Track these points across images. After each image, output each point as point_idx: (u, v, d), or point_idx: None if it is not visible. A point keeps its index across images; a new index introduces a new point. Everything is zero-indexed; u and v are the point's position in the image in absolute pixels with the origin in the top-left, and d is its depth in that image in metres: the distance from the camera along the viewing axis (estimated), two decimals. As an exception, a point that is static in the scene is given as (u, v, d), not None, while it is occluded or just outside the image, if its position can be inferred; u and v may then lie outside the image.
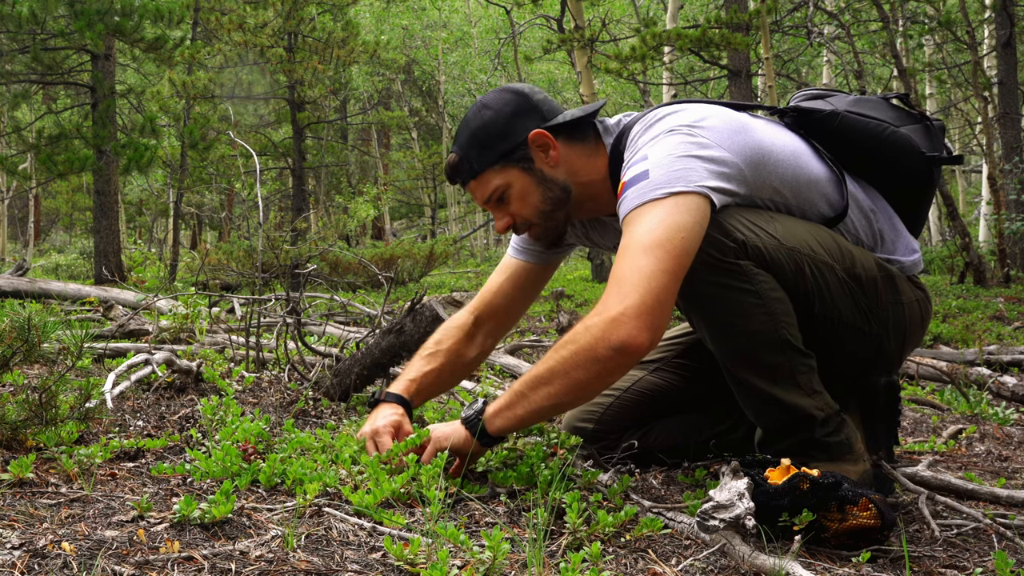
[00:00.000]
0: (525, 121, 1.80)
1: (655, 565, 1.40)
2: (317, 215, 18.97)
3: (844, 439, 1.67)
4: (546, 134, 1.80)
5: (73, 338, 1.93)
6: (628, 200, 1.63)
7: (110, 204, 11.46)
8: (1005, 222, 9.42)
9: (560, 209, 1.84)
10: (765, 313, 1.62)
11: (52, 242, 28.04)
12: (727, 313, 1.64)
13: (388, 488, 1.61)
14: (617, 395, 2.05)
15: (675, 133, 1.66)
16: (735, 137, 1.67)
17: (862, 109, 1.85)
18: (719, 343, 1.68)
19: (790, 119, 1.89)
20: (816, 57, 15.98)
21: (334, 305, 5.71)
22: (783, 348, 1.64)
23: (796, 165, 1.74)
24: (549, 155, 1.81)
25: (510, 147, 1.80)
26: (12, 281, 6.17)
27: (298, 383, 2.67)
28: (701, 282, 1.63)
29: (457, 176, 1.85)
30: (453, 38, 23.15)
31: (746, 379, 1.67)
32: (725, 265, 1.61)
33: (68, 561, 1.22)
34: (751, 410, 1.71)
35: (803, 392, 1.65)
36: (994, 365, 3.97)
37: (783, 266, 1.65)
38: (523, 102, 1.82)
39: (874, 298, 1.76)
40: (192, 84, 11.21)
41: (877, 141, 1.82)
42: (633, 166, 1.66)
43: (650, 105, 1.93)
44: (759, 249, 1.63)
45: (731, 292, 1.62)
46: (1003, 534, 1.62)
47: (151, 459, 1.88)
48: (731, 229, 1.62)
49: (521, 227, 1.88)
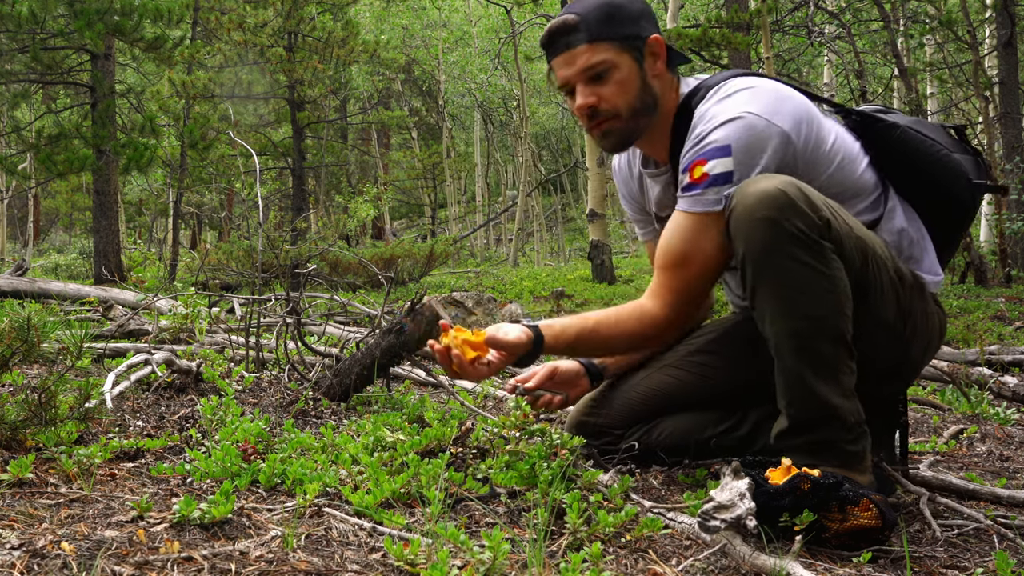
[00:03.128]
0: (649, 23, 1.83)
1: (655, 565, 1.40)
2: (317, 215, 18.97)
3: (860, 449, 1.65)
4: (663, 43, 1.84)
5: (73, 338, 1.93)
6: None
7: (110, 204, 11.45)
8: (1006, 222, 9.41)
9: (645, 116, 1.85)
10: (833, 301, 1.60)
11: (52, 242, 28.04)
12: (797, 290, 1.60)
13: (388, 488, 1.61)
14: (625, 391, 2.04)
15: (738, 119, 1.70)
16: (799, 125, 1.72)
17: (922, 128, 1.88)
18: (779, 320, 1.63)
19: (853, 121, 1.91)
20: (817, 57, 15.96)
21: (334, 305, 5.71)
22: (838, 341, 1.61)
23: (847, 167, 1.79)
24: (656, 64, 1.83)
25: (634, 35, 1.80)
26: (11, 281, 6.17)
27: (298, 383, 2.67)
28: (781, 253, 1.59)
29: (568, 35, 1.79)
30: (453, 38, 23.14)
31: (794, 365, 1.62)
32: (810, 241, 1.58)
33: (68, 561, 1.22)
34: (786, 398, 1.66)
35: (842, 393, 1.62)
36: (995, 365, 3.98)
37: (853, 256, 1.64)
38: (649, 9, 1.86)
39: (910, 302, 1.77)
40: (192, 84, 11.20)
41: (930, 161, 1.85)
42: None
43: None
44: (839, 234, 1.62)
45: (807, 270, 1.59)
46: (1004, 534, 1.62)
47: (151, 459, 1.88)
48: (819, 206, 1.60)
49: (604, 113, 1.83)
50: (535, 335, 1.77)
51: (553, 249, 24.60)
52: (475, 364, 1.74)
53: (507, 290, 9.46)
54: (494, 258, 21.40)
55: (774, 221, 1.57)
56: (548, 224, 26.68)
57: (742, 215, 1.61)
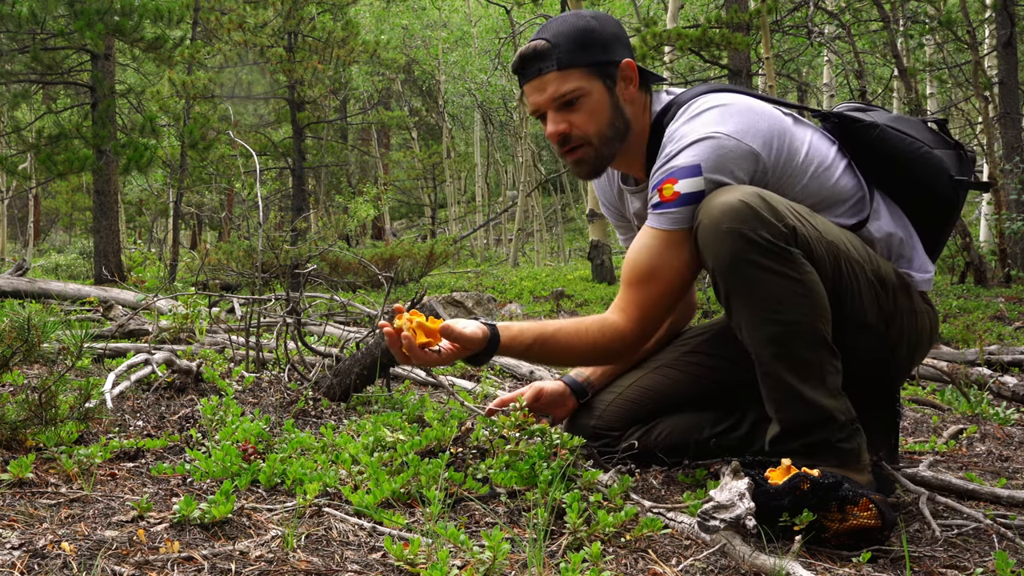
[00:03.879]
0: (621, 47, 1.83)
1: (655, 565, 1.40)
2: (317, 215, 18.97)
3: (856, 447, 1.66)
4: (635, 67, 1.84)
5: (73, 338, 1.93)
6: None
7: (110, 204, 11.45)
8: (1006, 222, 9.41)
9: (617, 141, 1.85)
10: (808, 305, 1.61)
11: (52, 242, 28.03)
12: (770, 299, 1.61)
13: (388, 488, 1.61)
14: (619, 392, 2.04)
15: (708, 138, 1.71)
16: (771, 142, 1.73)
17: (901, 126, 1.88)
18: (755, 329, 1.64)
19: (831, 124, 1.91)
20: (816, 57, 15.96)
21: (334, 305, 5.70)
22: (818, 344, 1.62)
23: (824, 175, 1.79)
24: (628, 89, 1.84)
25: (605, 61, 1.81)
26: (12, 281, 6.17)
27: (298, 383, 2.67)
28: (749, 263, 1.60)
29: (539, 62, 1.80)
30: (453, 38, 23.14)
31: (776, 371, 1.64)
32: (776, 249, 1.59)
33: (68, 561, 1.22)
34: (773, 404, 1.68)
35: (829, 393, 1.63)
36: (995, 365, 3.98)
37: (824, 260, 1.65)
38: (622, 32, 1.86)
39: (893, 303, 1.77)
40: (192, 84, 11.20)
41: (910, 158, 1.85)
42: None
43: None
44: (807, 239, 1.63)
45: (777, 278, 1.60)
46: (1004, 534, 1.62)
47: (151, 459, 1.88)
48: (783, 214, 1.61)
49: (574, 139, 1.84)
50: (491, 333, 1.76)
51: (553, 249, 24.59)
52: (425, 350, 1.73)
53: (507, 290, 9.46)
54: (494, 258, 21.39)
55: (738, 232, 1.59)
56: (548, 224, 26.68)
57: (708, 228, 1.63)
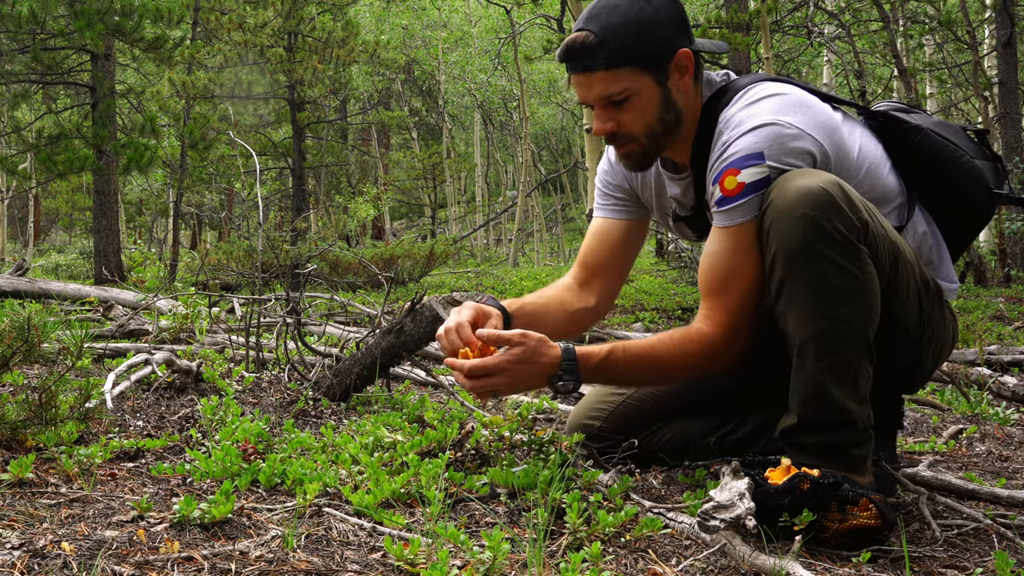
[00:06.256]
0: (677, 35, 1.71)
1: (655, 565, 1.40)
2: (317, 215, 18.96)
3: (865, 454, 1.63)
4: (691, 58, 1.73)
5: (73, 338, 1.93)
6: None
7: (110, 204, 11.45)
8: (1005, 222, 9.41)
9: (668, 135, 1.76)
10: (863, 307, 1.55)
11: (52, 242, 28.02)
12: (829, 295, 1.54)
13: (388, 488, 1.61)
14: (626, 395, 2.03)
15: (770, 125, 1.64)
16: (830, 135, 1.67)
17: (943, 132, 1.84)
18: (806, 322, 1.57)
19: (877, 123, 1.87)
20: (816, 57, 15.95)
21: (334, 305, 5.71)
22: (861, 347, 1.57)
23: (873, 175, 1.75)
24: (683, 79, 1.74)
25: (657, 55, 1.70)
26: (12, 281, 6.17)
27: (298, 383, 2.67)
28: (817, 255, 1.53)
29: (586, 58, 1.68)
30: (453, 38, 23.14)
31: (813, 367, 1.58)
32: (847, 244, 1.53)
33: (68, 561, 1.22)
34: (798, 397, 1.62)
35: (857, 398, 1.59)
36: (995, 365, 3.98)
37: (885, 259, 1.60)
38: (680, 13, 1.72)
39: (931, 309, 1.74)
40: (192, 84, 11.20)
41: (952, 166, 1.81)
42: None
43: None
44: (875, 236, 1.57)
45: (841, 274, 1.53)
46: (1003, 534, 1.62)
47: (151, 459, 1.88)
48: (859, 207, 1.55)
49: (622, 138, 1.76)
50: (564, 347, 1.66)
51: (553, 249, 24.60)
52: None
53: (507, 290, 9.46)
54: (494, 258, 21.38)
55: (813, 220, 1.51)
56: (548, 224, 26.68)
57: (780, 210, 1.55)
